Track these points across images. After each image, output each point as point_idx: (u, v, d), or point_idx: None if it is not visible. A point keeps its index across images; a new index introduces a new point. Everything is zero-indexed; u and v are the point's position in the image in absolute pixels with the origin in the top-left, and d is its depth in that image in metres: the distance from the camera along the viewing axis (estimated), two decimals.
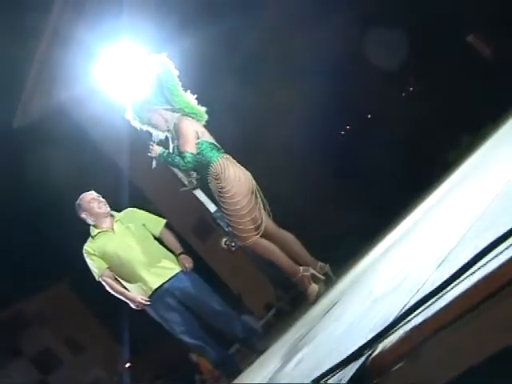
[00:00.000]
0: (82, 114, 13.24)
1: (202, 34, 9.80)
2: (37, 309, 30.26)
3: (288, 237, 5.32)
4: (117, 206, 5.94)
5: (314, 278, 5.21)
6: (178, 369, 12.43)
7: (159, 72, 5.32)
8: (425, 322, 1.16)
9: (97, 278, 5.60)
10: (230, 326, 5.51)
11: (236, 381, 5.22)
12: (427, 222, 3.42)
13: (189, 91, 5.38)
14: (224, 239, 5.34)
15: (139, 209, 5.86)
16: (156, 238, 5.63)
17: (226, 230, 5.40)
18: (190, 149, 5.11)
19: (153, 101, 5.34)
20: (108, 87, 6.19)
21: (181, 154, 5.13)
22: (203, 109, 5.40)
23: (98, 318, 30.42)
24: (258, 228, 5.11)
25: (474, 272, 1.16)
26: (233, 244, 5.22)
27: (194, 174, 5.45)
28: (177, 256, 5.53)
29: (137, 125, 5.52)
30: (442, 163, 7.72)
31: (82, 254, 5.66)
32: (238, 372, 5.49)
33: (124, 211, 5.77)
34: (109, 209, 5.65)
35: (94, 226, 5.64)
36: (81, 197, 5.69)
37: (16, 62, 13.05)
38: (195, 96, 5.38)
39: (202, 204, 7.43)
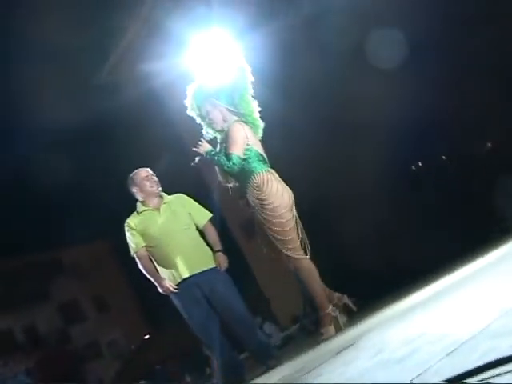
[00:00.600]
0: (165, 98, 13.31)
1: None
2: (75, 260, 30.82)
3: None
4: (172, 189, 5.96)
5: (336, 321, 5.13)
6: (190, 356, 12.47)
7: (236, 75, 5.28)
8: None
9: (132, 253, 5.62)
10: (248, 335, 5.44)
11: None
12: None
13: (256, 102, 5.32)
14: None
15: (191, 197, 5.88)
16: (198, 230, 5.65)
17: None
18: (238, 151, 5.04)
19: (220, 97, 5.29)
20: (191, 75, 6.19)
21: (227, 155, 5.06)
22: (262, 124, 5.35)
23: (131, 284, 30.83)
24: (305, 249, 5.01)
25: None
26: None
27: (231, 184, 5.33)
28: (214, 252, 5.53)
29: (193, 115, 5.47)
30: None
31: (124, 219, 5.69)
32: (242, 380, 5.46)
33: (175, 195, 5.75)
34: (160, 189, 5.65)
35: (141, 202, 5.69)
36: (135, 171, 5.70)
37: (102, 47, 13.29)
38: (260, 109, 5.31)
39: None
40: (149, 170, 5.75)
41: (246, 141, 5.11)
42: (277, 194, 4.95)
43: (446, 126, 9.83)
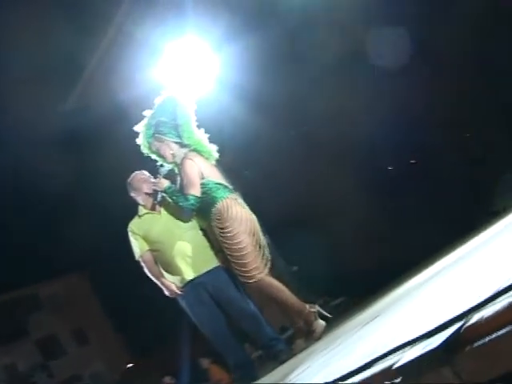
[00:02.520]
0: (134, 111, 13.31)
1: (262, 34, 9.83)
2: (51, 294, 30.44)
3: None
4: None
5: (320, 315, 5.26)
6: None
7: (176, 106, 5.38)
8: None
9: (137, 257, 5.61)
10: (257, 330, 5.43)
11: None
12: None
13: (202, 129, 5.42)
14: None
15: None
16: (202, 229, 5.63)
17: None
18: (194, 191, 5.14)
19: (164, 131, 5.36)
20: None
21: (185, 196, 5.15)
22: (214, 147, 5.46)
23: (108, 315, 30.50)
24: (265, 265, 5.12)
25: None
26: None
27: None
28: (217, 251, 5.53)
29: (145, 152, 5.59)
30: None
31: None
32: (254, 378, 5.42)
33: None
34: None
35: (143, 206, 5.67)
36: (132, 175, 5.72)
37: (76, 56, 13.26)
38: (208, 135, 5.42)
39: None
40: (145, 172, 5.75)
41: (201, 175, 5.19)
42: (237, 220, 5.05)
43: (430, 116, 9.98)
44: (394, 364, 1.30)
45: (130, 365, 27.30)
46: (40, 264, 26.16)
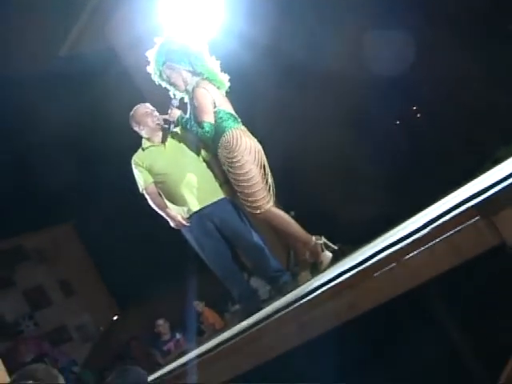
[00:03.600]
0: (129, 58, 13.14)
1: None
2: (38, 245, 30.40)
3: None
4: None
5: (327, 247, 5.26)
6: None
7: (187, 36, 5.42)
8: None
9: (141, 190, 5.60)
10: (262, 262, 5.46)
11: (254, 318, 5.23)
12: None
13: (214, 57, 5.35)
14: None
15: None
16: (206, 162, 5.62)
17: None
18: (208, 118, 5.12)
19: (176, 59, 5.32)
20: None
21: (199, 123, 5.14)
22: (226, 77, 5.39)
23: (96, 266, 30.58)
24: (271, 197, 5.14)
25: None
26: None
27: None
28: (222, 183, 5.53)
29: (156, 80, 5.53)
30: (489, 159, 7.67)
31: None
32: (258, 309, 5.47)
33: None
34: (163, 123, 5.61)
35: (146, 139, 5.65)
36: (135, 108, 5.67)
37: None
38: (219, 62, 5.35)
39: None
40: (148, 105, 5.70)
41: (213, 104, 5.16)
42: (246, 151, 5.04)
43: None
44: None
45: (116, 317, 27.41)
46: (26, 215, 25.99)
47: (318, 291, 2.24)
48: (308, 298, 2.30)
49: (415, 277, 1.89)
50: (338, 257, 5.46)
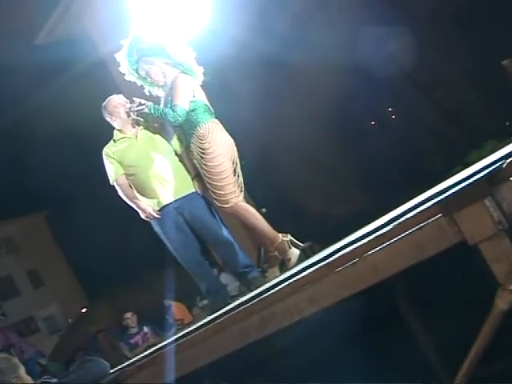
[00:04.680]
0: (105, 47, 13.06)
1: None
2: (8, 235, 30.18)
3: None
4: None
5: (294, 244, 5.31)
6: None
7: (157, 29, 5.35)
8: None
9: (111, 181, 5.57)
10: (231, 257, 5.46)
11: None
12: None
13: (189, 47, 5.35)
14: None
15: None
16: (178, 155, 5.59)
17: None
18: (182, 103, 5.09)
19: (153, 52, 5.31)
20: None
21: (172, 108, 5.10)
22: (200, 69, 5.38)
23: (65, 257, 30.41)
24: (240, 191, 5.15)
25: None
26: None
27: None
28: (193, 177, 5.50)
29: (131, 78, 5.50)
30: (460, 162, 7.74)
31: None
32: (225, 304, 5.46)
33: None
34: (135, 115, 5.56)
35: (119, 130, 5.61)
36: (108, 99, 5.63)
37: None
38: (194, 54, 5.34)
39: None
40: (122, 96, 5.66)
41: (192, 93, 5.16)
42: (219, 144, 5.06)
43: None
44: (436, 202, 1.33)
45: (85, 309, 27.26)
46: None
47: (280, 286, 2.24)
48: (270, 292, 2.29)
49: (377, 273, 1.90)
50: (307, 254, 5.49)
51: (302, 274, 2.01)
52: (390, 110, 11.19)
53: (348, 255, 1.97)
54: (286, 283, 2.15)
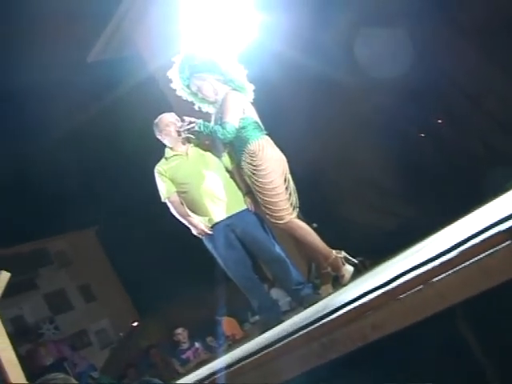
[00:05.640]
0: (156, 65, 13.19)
1: None
2: (61, 249, 30.71)
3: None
4: None
5: (348, 260, 5.24)
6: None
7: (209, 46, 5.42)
8: None
9: (163, 199, 5.61)
10: (284, 274, 5.41)
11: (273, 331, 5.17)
12: None
13: (241, 66, 5.35)
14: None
15: None
16: (229, 172, 5.60)
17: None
18: (232, 120, 5.06)
19: (205, 69, 5.31)
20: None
21: (222, 124, 5.08)
22: (251, 87, 5.38)
23: (117, 273, 30.77)
24: (294, 208, 5.07)
25: None
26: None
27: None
28: (245, 194, 5.50)
29: (182, 94, 5.52)
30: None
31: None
32: (279, 321, 5.41)
33: None
34: (186, 134, 5.59)
35: (170, 148, 5.65)
36: (160, 117, 5.69)
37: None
38: (246, 71, 5.34)
39: None
40: (173, 114, 5.71)
41: (242, 110, 5.15)
42: (270, 160, 5.01)
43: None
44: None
45: (136, 323, 27.52)
46: (51, 219, 26.25)
47: (341, 311, 2.18)
48: (330, 317, 2.24)
49: (444, 300, 1.85)
50: (359, 270, 5.42)
51: (363, 300, 1.96)
52: (440, 121, 11.01)
53: (412, 281, 1.92)
54: (347, 309, 2.10)
